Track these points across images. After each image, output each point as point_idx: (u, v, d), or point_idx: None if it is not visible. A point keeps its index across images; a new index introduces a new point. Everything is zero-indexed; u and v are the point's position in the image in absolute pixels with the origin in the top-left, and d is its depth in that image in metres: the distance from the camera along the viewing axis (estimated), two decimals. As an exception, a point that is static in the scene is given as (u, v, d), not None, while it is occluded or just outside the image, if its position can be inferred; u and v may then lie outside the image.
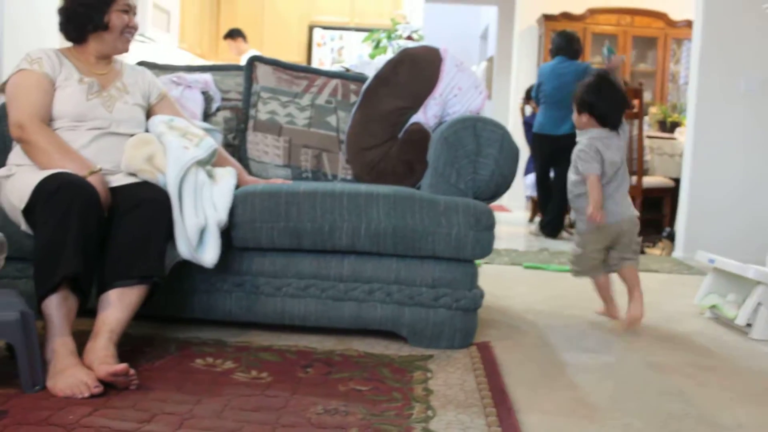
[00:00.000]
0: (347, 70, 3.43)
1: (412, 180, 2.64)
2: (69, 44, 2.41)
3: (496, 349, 2.39)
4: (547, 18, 8.16)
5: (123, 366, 1.82)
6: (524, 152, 6.62)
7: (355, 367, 2.12)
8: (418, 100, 2.72)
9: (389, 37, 5.61)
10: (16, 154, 2.27)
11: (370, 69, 3.14)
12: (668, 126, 6.82)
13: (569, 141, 5.66)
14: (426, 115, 2.70)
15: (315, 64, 8.81)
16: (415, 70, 2.76)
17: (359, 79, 2.98)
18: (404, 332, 2.37)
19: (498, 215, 2.38)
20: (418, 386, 1.98)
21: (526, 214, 7.32)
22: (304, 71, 3.01)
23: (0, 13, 4.45)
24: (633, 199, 5.53)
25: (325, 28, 9.08)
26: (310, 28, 9.11)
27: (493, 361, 2.23)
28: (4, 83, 2.33)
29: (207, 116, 2.95)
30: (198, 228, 2.15)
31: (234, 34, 7.51)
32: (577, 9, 8.22)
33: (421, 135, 2.66)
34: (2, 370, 1.93)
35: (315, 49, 9.07)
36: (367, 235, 2.29)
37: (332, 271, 2.36)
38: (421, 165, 2.60)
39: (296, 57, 8.84)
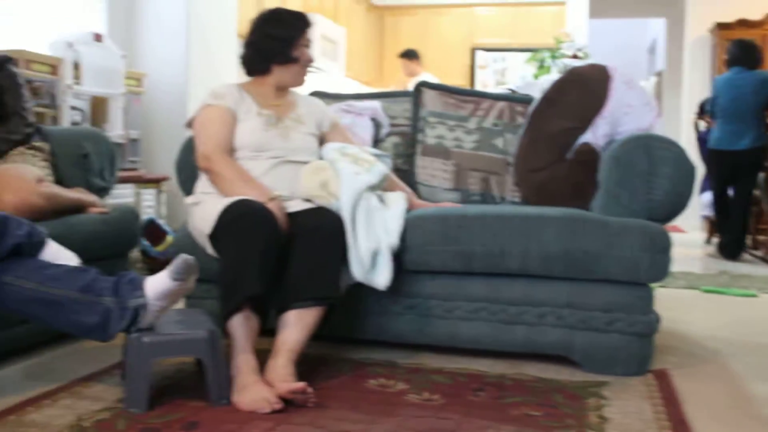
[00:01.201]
0: (512, 91, 3.40)
1: (582, 201, 2.56)
2: (246, 79, 2.55)
3: (674, 377, 2.26)
4: (721, 26, 7.71)
5: (302, 384, 1.88)
6: (699, 169, 6.27)
7: (527, 392, 2.08)
8: (586, 120, 2.65)
9: (553, 57, 5.53)
10: (202, 183, 2.42)
11: (536, 90, 3.09)
12: None
13: (750, 156, 5.38)
14: (595, 135, 2.62)
15: (478, 87, 8.81)
16: (583, 89, 2.70)
17: (525, 100, 2.95)
18: (577, 357, 2.30)
19: (672, 236, 2.25)
20: (593, 413, 1.91)
21: (702, 235, 6.92)
22: (470, 95, 3.02)
23: (185, 58, 4.80)
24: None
25: (487, 50, 9.07)
26: (473, 51, 9.13)
27: (671, 390, 2.11)
28: (192, 118, 2.50)
29: (377, 142, 3.01)
30: (371, 251, 2.20)
31: (411, 55, 7.41)
32: (755, 15, 7.71)
33: (590, 155, 2.59)
34: (192, 383, 2.05)
35: (477, 71, 9.08)
36: (538, 257, 2.25)
37: (503, 294, 2.33)
38: (591, 186, 2.53)
39: (459, 80, 8.89)
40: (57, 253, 1.96)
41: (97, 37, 4.12)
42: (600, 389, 2.12)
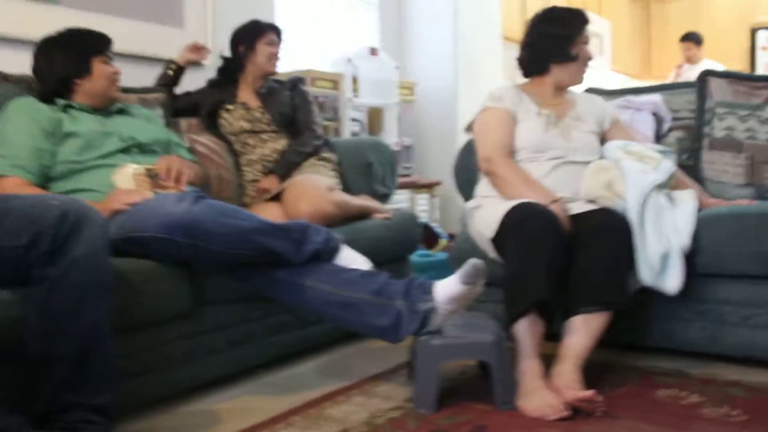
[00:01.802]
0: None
1: None
2: (522, 81, 2.53)
3: None
4: None
5: (591, 392, 1.81)
6: None
7: None
8: None
9: None
10: (483, 187, 2.43)
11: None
12: None
13: None
14: None
15: (760, 71, 8.03)
16: None
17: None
18: None
19: None
20: None
21: None
22: (765, 80, 2.74)
23: (453, 64, 4.89)
24: None
25: (770, 28, 8.24)
26: (753, 31, 8.34)
27: None
28: (471, 122, 2.52)
29: (659, 138, 2.84)
30: (661, 254, 2.09)
31: (694, 39, 6.83)
32: None
33: None
34: (476, 386, 2.06)
35: (759, 53, 8.27)
36: None
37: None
38: None
39: (738, 65, 8.15)
40: (351, 258, 2.07)
41: (373, 52, 4.34)
42: None
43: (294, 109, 2.93)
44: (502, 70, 5.30)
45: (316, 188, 2.59)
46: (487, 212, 2.27)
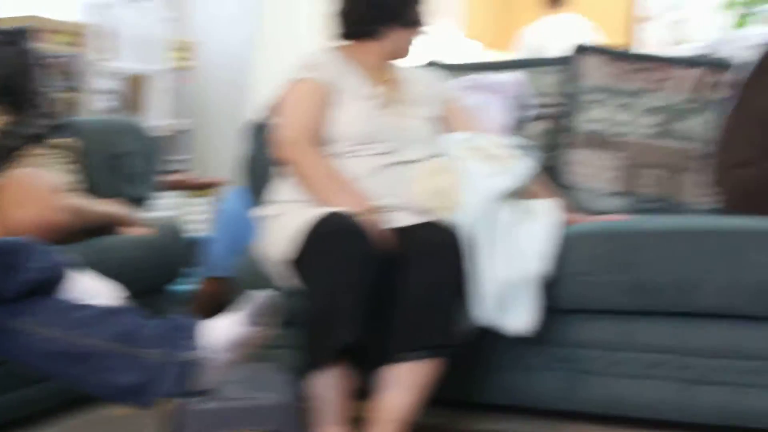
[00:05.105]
0: (708, 54, 3.29)
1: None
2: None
3: None
4: None
5: None
6: None
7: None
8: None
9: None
10: (284, 188, 2.41)
11: (736, 50, 2.99)
12: None
13: None
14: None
15: (642, 47, 8.59)
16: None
17: (726, 66, 2.86)
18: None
19: None
20: None
21: None
22: (649, 60, 2.94)
23: (250, 20, 4.86)
24: None
25: (657, -5, 8.85)
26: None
27: None
28: (277, 99, 2.52)
29: (516, 129, 2.94)
30: (507, 283, 2.16)
31: None
32: None
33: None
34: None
35: (639, 25, 8.84)
36: (747, 291, 2.18)
37: (693, 342, 2.27)
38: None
39: (615, 38, 8.64)
40: (88, 289, 1.99)
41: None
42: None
43: (12, 74, 2.80)
44: (321, 29, 5.30)
45: (40, 188, 2.47)
46: (285, 224, 2.25)
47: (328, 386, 1.99)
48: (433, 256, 2.13)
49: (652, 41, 8.58)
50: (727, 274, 2.19)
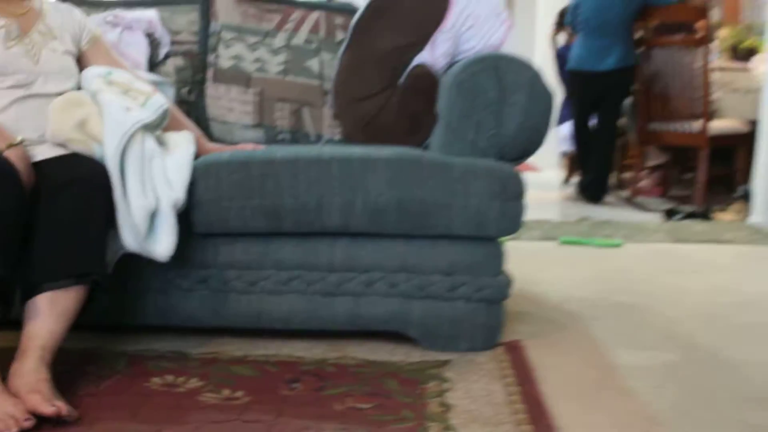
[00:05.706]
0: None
1: (418, 138, 2.65)
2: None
3: (529, 349, 2.42)
4: None
5: (56, 408, 1.83)
6: (557, 95, 6.61)
7: (353, 380, 2.15)
8: (423, 35, 2.72)
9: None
10: None
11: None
12: (742, 53, 6.80)
13: (616, 79, 5.73)
14: (434, 54, 2.70)
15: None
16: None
17: (347, 9, 2.99)
18: (413, 333, 2.40)
19: (525, 177, 2.37)
20: (433, 401, 2.01)
21: (561, 174, 7.33)
22: (277, 2, 3.00)
23: None
24: (697, 150, 5.57)
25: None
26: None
27: (526, 366, 2.26)
28: None
29: (154, 65, 2.95)
30: (148, 211, 2.16)
31: None
32: None
33: (428, 80, 2.66)
34: None
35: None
36: (364, 211, 2.30)
37: (321, 258, 2.38)
38: (428, 118, 2.60)
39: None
40: None
41: None
42: (442, 370, 2.23)
43: None
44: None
45: None
46: None
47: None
48: (73, 187, 2.09)
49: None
50: (347, 197, 2.28)
